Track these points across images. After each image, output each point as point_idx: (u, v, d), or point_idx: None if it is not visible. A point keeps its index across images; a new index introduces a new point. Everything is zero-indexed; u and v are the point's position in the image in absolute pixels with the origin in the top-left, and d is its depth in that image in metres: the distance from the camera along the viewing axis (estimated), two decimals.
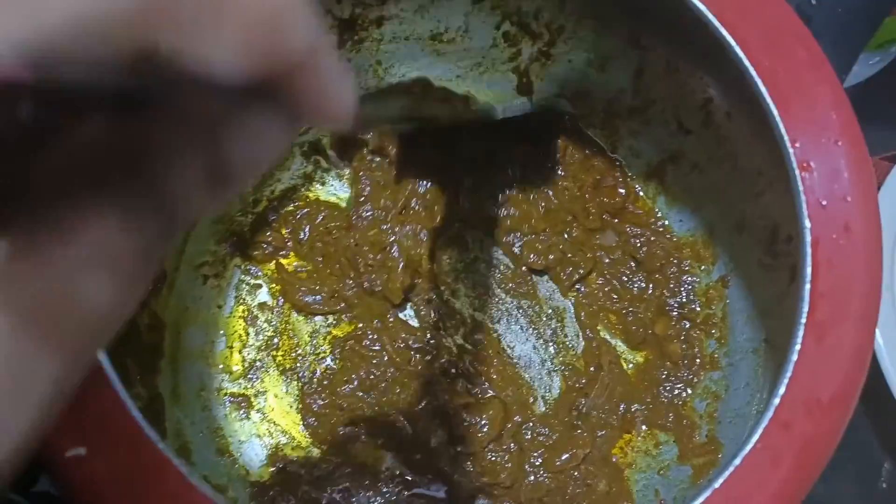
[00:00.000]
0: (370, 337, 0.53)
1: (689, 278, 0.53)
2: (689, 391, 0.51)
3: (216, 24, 0.17)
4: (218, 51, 0.17)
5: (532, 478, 0.50)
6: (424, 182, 0.55)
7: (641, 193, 0.55)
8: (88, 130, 0.16)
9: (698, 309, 0.52)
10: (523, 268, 0.55)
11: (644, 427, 0.51)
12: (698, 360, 0.51)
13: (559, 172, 0.55)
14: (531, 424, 0.51)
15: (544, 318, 0.54)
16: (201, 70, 0.16)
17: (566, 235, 0.55)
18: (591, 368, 0.53)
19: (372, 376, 0.52)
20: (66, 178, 0.16)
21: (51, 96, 0.14)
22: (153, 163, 0.17)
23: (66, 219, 0.16)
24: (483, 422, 0.50)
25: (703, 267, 0.53)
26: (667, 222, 0.54)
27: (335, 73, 0.20)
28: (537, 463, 0.50)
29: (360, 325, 0.54)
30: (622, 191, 0.55)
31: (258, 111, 0.19)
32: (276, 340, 0.54)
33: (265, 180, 0.55)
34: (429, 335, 0.54)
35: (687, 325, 0.52)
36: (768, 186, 0.46)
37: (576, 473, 0.50)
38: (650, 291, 0.54)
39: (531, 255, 0.54)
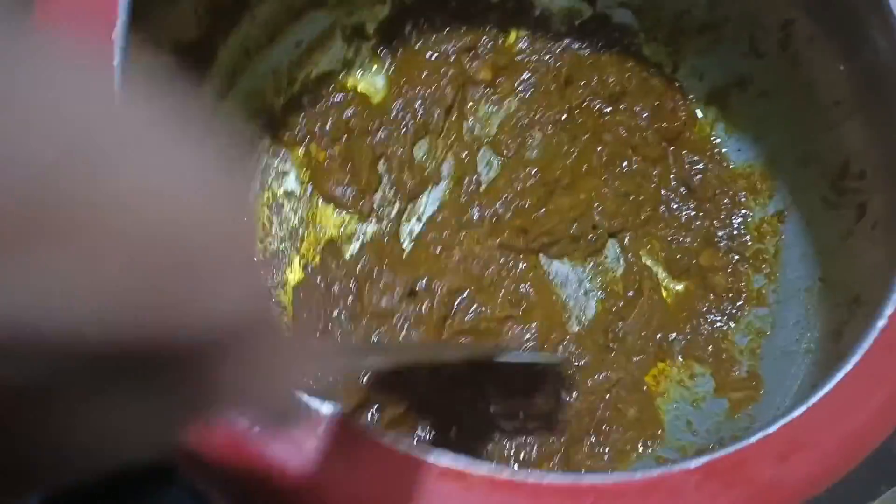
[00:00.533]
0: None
1: (743, 210, 0.51)
2: (732, 325, 0.49)
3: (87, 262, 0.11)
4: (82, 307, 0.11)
5: (564, 398, 0.48)
6: None
7: (700, 118, 0.53)
8: None
9: (749, 243, 0.50)
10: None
11: (680, 358, 0.49)
12: (744, 295, 0.49)
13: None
14: (565, 343, 0.49)
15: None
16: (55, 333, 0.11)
17: (626, 169, 0.52)
18: (630, 293, 0.51)
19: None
20: None
21: None
22: None
23: None
24: (526, 334, 0.47)
25: (758, 200, 0.50)
26: (724, 150, 0.52)
27: (268, 355, 0.15)
28: (569, 382, 0.48)
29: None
30: (682, 114, 0.52)
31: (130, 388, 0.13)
32: (300, 231, 0.50)
33: (303, 61, 0.52)
34: None
35: (735, 259, 0.50)
36: (846, 117, 0.44)
37: (607, 396, 0.48)
38: (699, 220, 0.51)
39: (598, 218, 0.51)
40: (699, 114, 0.53)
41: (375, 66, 0.53)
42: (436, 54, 0.53)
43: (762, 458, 0.28)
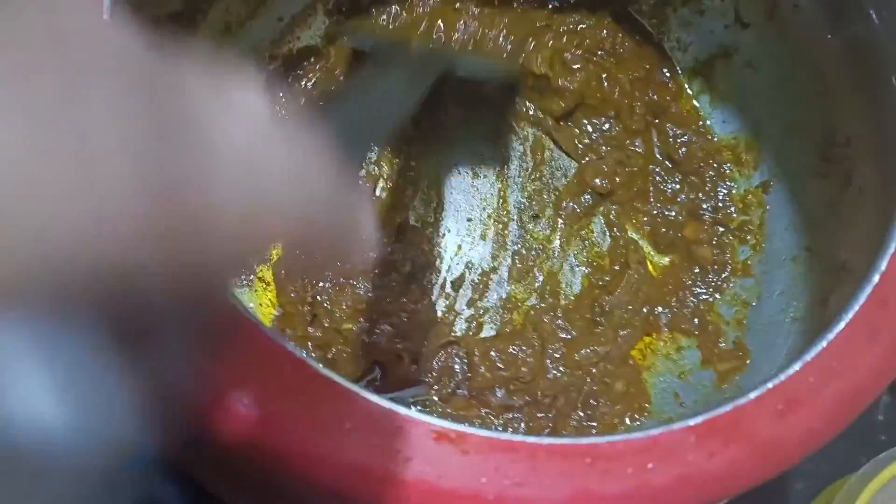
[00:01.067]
0: None
1: (728, 182, 0.51)
2: (718, 297, 0.49)
3: None
4: None
5: (549, 373, 0.47)
6: None
7: (687, 90, 0.52)
8: None
9: (734, 214, 0.50)
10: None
11: (666, 331, 0.49)
12: (729, 267, 0.49)
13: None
14: (552, 316, 0.48)
15: None
16: None
17: (608, 132, 0.51)
18: (616, 267, 0.50)
19: None
20: None
21: None
22: None
23: None
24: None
25: (743, 171, 0.51)
26: (709, 122, 0.52)
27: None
28: (556, 356, 0.48)
29: None
30: (672, 87, 0.52)
31: None
32: None
33: (284, 36, 0.51)
34: None
35: (720, 231, 0.50)
36: (832, 86, 0.44)
37: (594, 370, 0.48)
38: (684, 194, 0.51)
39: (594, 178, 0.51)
40: (686, 86, 0.52)
41: (358, 41, 0.52)
42: None
43: (760, 415, 0.28)
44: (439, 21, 0.51)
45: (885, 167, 0.38)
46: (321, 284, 0.46)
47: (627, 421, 0.47)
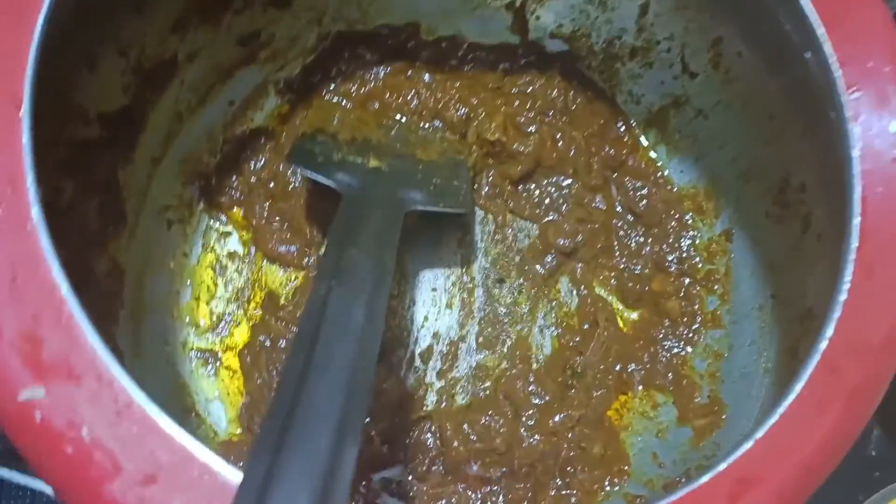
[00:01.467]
0: None
1: (691, 232, 0.50)
2: (689, 350, 0.48)
3: None
4: None
5: (525, 442, 0.47)
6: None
7: (643, 142, 0.52)
8: None
9: (699, 264, 0.49)
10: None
11: (641, 388, 0.49)
12: (699, 318, 0.49)
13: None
14: (524, 381, 0.48)
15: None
16: None
17: (566, 190, 0.51)
18: (586, 326, 0.50)
19: None
20: None
21: None
22: None
23: None
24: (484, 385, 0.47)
25: (705, 220, 0.50)
26: (667, 173, 0.51)
27: None
28: (530, 423, 0.47)
29: None
30: (627, 140, 0.51)
31: None
32: (247, 292, 0.49)
33: (237, 120, 0.51)
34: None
35: (686, 282, 0.50)
36: (781, 131, 0.44)
37: (570, 435, 0.47)
38: (648, 246, 0.51)
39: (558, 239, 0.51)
40: (642, 138, 0.52)
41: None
42: None
43: (713, 499, 0.27)
44: (390, 94, 0.51)
45: (836, 212, 0.37)
46: None
47: (607, 486, 0.46)
